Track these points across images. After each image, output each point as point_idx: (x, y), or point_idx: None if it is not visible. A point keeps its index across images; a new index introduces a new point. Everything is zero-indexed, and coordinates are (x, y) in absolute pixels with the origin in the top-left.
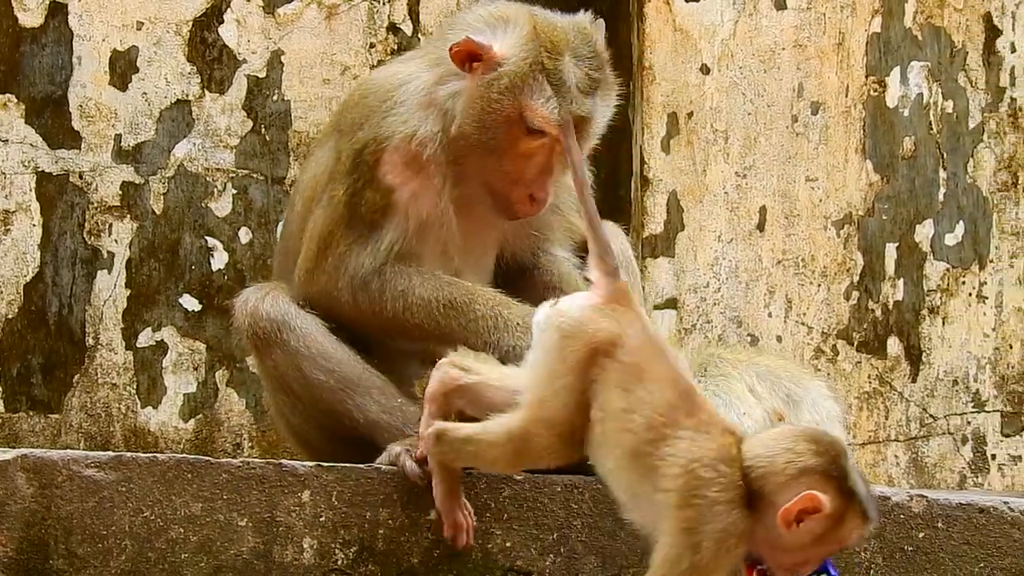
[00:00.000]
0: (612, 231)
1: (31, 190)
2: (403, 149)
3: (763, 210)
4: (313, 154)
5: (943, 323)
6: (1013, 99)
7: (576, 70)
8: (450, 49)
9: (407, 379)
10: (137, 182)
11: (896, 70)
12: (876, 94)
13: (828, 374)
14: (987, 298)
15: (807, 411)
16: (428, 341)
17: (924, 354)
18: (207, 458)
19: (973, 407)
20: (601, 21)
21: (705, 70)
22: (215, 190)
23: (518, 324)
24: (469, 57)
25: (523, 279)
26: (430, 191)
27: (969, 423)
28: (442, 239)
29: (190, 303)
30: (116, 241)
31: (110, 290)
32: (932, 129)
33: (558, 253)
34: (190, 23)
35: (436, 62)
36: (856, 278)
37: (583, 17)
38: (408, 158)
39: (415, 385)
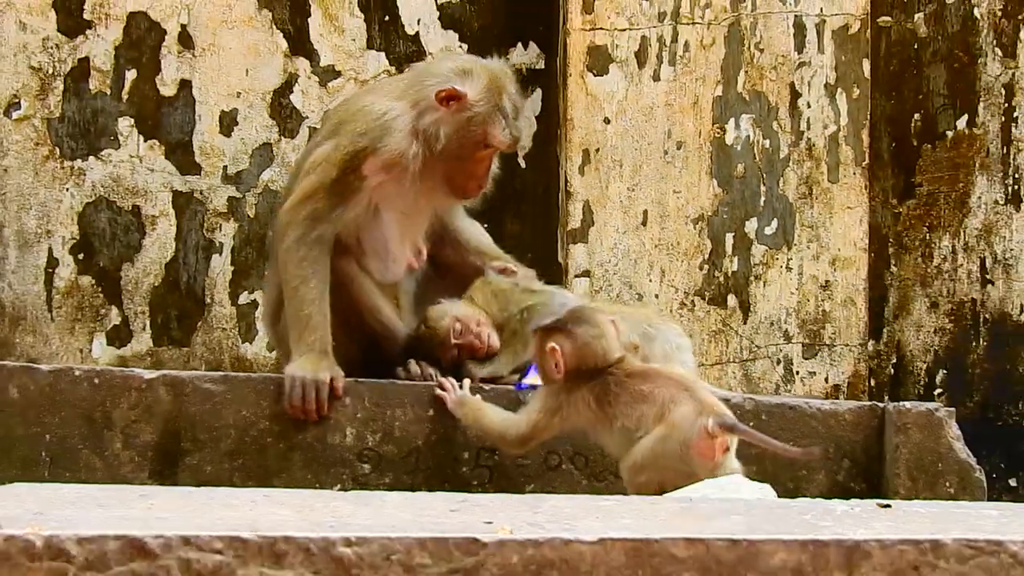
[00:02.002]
0: (477, 231)
1: (169, 202)
2: (386, 158)
3: (645, 212)
4: (311, 151)
5: (764, 285)
6: (809, 139)
7: (511, 103)
8: (437, 93)
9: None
10: (237, 197)
11: (732, 120)
12: (719, 136)
13: (688, 320)
14: (792, 269)
15: (660, 343)
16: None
17: (751, 306)
18: (283, 375)
19: (784, 340)
20: (538, 90)
21: (607, 121)
22: None
23: (304, 343)
24: (449, 98)
25: (446, 236)
26: (396, 187)
27: (781, 351)
28: (398, 210)
29: None
30: (224, 236)
31: (221, 267)
32: (756, 158)
33: (467, 220)
34: (271, 92)
35: (416, 102)
36: (706, 256)
37: (504, 64)
38: (388, 163)
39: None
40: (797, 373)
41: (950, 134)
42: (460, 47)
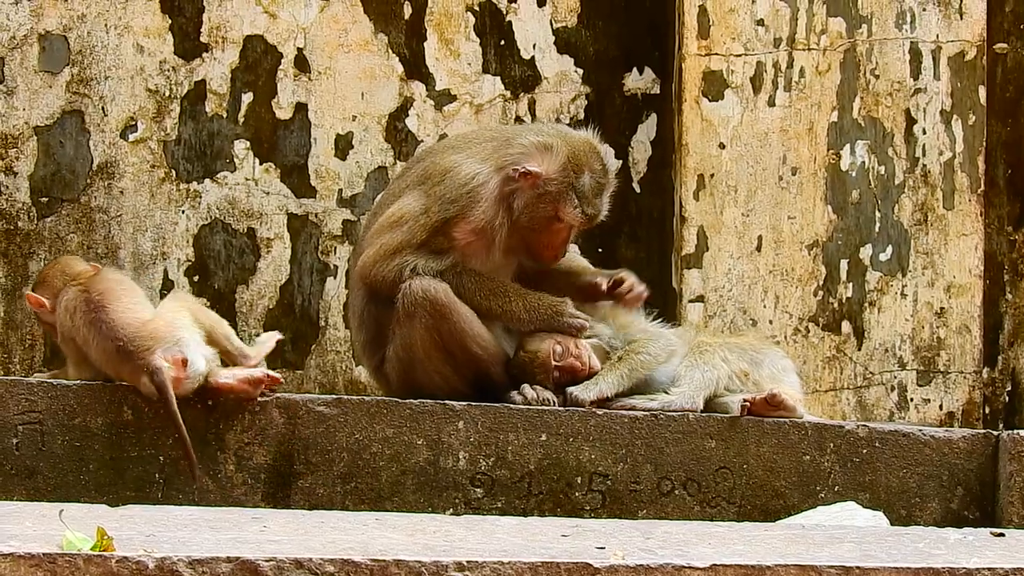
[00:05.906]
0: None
1: (284, 225)
2: (475, 223)
3: (760, 238)
4: (400, 194)
5: (878, 312)
6: (924, 165)
7: (590, 181)
8: (517, 172)
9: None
10: (352, 219)
11: (847, 146)
12: (834, 162)
13: (802, 346)
14: (907, 296)
15: (767, 367)
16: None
17: (865, 332)
18: (396, 399)
19: (898, 367)
20: (653, 115)
21: (721, 146)
22: None
23: (536, 305)
24: (526, 176)
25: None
26: (483, 245)
27: (895, 377)
28: (483, 263)
29: None
30: (339, 258)
31: (335, 290)
32: (871, 184)
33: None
34: (386, 116)
35: (501, 167)
36: (821, 282)
37: (594, 138)
38: (477, 228)
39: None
40: (911, 400)
41: None
42: (575, 72)
